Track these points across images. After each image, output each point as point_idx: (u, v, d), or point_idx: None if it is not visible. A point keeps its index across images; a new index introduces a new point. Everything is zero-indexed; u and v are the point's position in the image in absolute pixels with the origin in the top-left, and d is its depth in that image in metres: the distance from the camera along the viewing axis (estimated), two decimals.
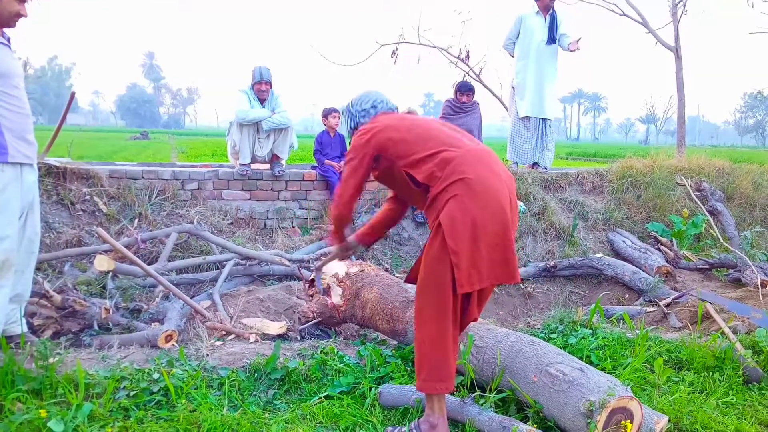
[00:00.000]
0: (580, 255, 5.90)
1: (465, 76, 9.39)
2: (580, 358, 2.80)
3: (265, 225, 5.82)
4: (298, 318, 3.89)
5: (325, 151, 6.15)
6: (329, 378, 2.83)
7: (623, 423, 2.07)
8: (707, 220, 6.41)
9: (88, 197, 4.99)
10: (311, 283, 3.85)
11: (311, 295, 3.85)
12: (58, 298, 3.49)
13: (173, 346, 3.31)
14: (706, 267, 5.43)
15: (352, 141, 2.55)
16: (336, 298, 3.61)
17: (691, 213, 6.60)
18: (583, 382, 2.22)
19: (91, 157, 11.04)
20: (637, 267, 5.33)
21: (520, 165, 7.06)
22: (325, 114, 6.26)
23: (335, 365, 2.90)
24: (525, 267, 5.68)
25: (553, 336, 3.29)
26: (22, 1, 2.81)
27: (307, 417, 2.51)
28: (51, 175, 4.91)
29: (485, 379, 2.62)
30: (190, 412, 2.39)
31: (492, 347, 2.61)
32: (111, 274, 4.08)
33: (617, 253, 5.97)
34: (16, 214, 2.88)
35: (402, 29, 10.54)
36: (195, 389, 2.59)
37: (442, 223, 2.20)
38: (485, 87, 9.65)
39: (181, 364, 2.80)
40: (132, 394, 2.50)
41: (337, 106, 6.18)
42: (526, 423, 2.31)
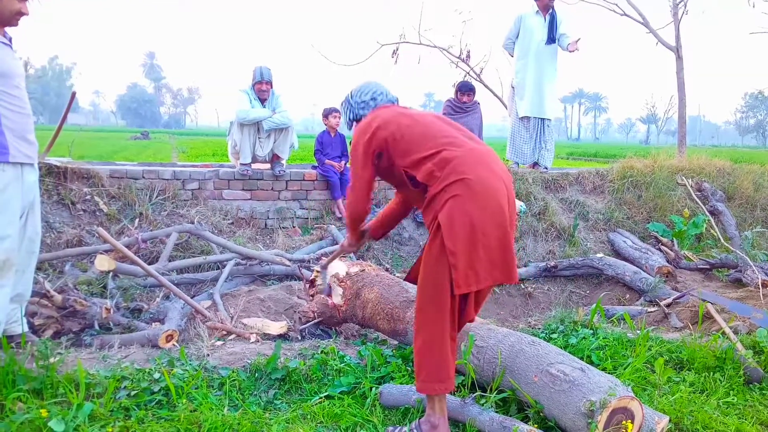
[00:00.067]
0: (581, 255, 5.90)
1: (466, 76, 9.38)
2: (581, 358, 2.80)
3: (265, 225, 5.82)
4: (299, 318, 3.89)
5: (325, 150, 6.15)
6: (330, 378, 2.83)
7: (624, 423, 2.07)
8: (708, 220, 6.41)
9: (88, 197, 5.00)
10: (312, 282, 3.85)
11: (312, 295, 3.84)
12: (58, 297, 3.49)
13: (174, 345, 3.31)
14: (707, 267, 5.43)
15: (353, 136, 2.55)
16: (337, 298, 3.61)
17: (691, 213, 6.60)
18: (583, 382, 2.22)
19: (92, 156, 11.05)
20: (637, 267, 5.33)
21: (520, 165, 7.06)
22: (326, 114, 6.26)
23: (336, 365, 2.90)
24: (526, 267, 5.68)
25: (554, 336, 3.29)
26: None
27: (308, 417, 2.51)
28: (52, 174, 4.91)
29: (486, 379, 2.62)
30: (190, 411, 2.39)
31: (493, 347, 2.61)
32: (112, 273, 4.08)
33: (618, 253, 5.97)
34: (17, 213, 2.88)
35: (403, 29, 10.58)
36: (196, 389, 2.59)
37: (440, 223, 2.20)
38: (486, 87, 9.65)
39: (182, 364, 2.81)
40: (133, 393, 2.50)
41: (337, 106, 6.18)
42: (526, 423, 2.31)
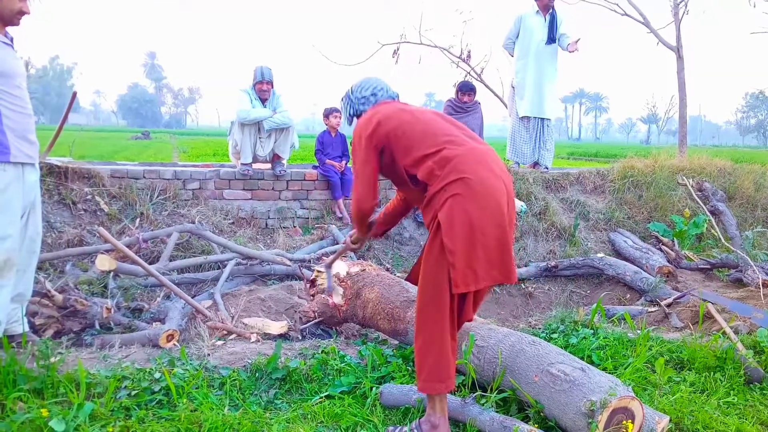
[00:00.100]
0: (582, 255, 5.90)
1: (466, 76, 9.38)
2: (582, 358, 2.80)
3: (266, 225, 5.82)
4: (299, 318, 3.89)
5: (326, 150, 6.15)
6: (330, 378, 2.83)
7: (624, 423, 2.07)
8: (709, 220, 6.40)
9: (89, 197, 5.00)
10: (312, 282, 3.85)
11: (312, 295, 3.85)
12: (59, 297, 3.49)
13: (174, 345, 3.31)
14: (708, 267, 5.43)
15: (354, 132, 2.52)
16: (337, 297, 3.61)
17: (692, 213, 6.59)
18: (584, 382, 2.22)
19: (93, 156, 11.06)
20: (638, 267, 5.32)
21: (521, 165, 7.06)
22: (327, 114, 6.26)
23: (336, 365, 2.90)
24: (526, 267, 5.68)
25: (555, 336, 3.29)
26: None
27: (308, 417, 2.51)
28: (52, 174, 4.91)
29: (486, 379, 2.62)
30: (191, 411, 2.39)
31: (493, 347, 2.61)
32: (112, 273, 4.08)
33: (618, 253, 5.97)
34: (18, 213, 2.89)
35: (403, 29, 10.60)
36: (196, 389, 2.59)
37: (440, 221, 2.20)
38: (486, 87, 9.65)
39: (183, 364, 2.81)
40: (133, 393, 2.50)
41: (338, 107, 6.18)
42: (527, 423, 2.31)
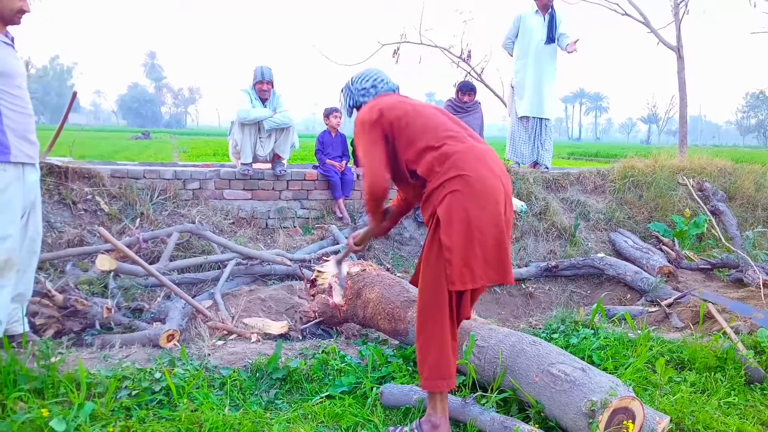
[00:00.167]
0: (582, 255, 5.90)
1: (467, 76, 9.38)
2: (582, 358, 2.80)
3: (266, 225, 5.82)
4: (300, 318, 3.89)
5: (326, 150, 6.15)
6: (331, 378, 2.83)
7: (625, 423, 2.07)
8: (709, 220, 6.40)
9: (89, 197, 5.00)
10: (313, 282, 3.85)
11: (313, 295, 3.85)
12: (59, 297, 3.49)
13: (175, 345, 3.31)
14: (708, 267, 5.42)
15: (356, 119, 2.46)
16: (337, 297, 3.61)
17: (693, 213, 6.59)
18: (584, 382, 2.22)
19: (93, 156, 11.06)
20: (638, 267, 5.32)
21: (521, 165, 7.06)
22: (327, 114, 6.26)
23: (337, 365, 2.90)
24: (527, 267, 5.68)
25: (555, 336, 3.29)
26: None
27: (309, 417, 2.51)
28: (53, 174, 4.91)
29: (487, 379, 2.62)
30: (191, 411, 2.39)
31: (493, 347, 2.61)
32: (113, 273, 4.08)
33: (619, 253, 5.97)
34: (18, 213, 2.89)
35: (403, 29, 10.57)
36: (197, 389, 2.59)
37: (438, 217, 2.20)
38: (487, 87, 9.65)
39: (183, 364, 2.81)
40: (134, 393, 2.50)
41: (338, 106, 6.17)
42: (527, 423, 2.31)
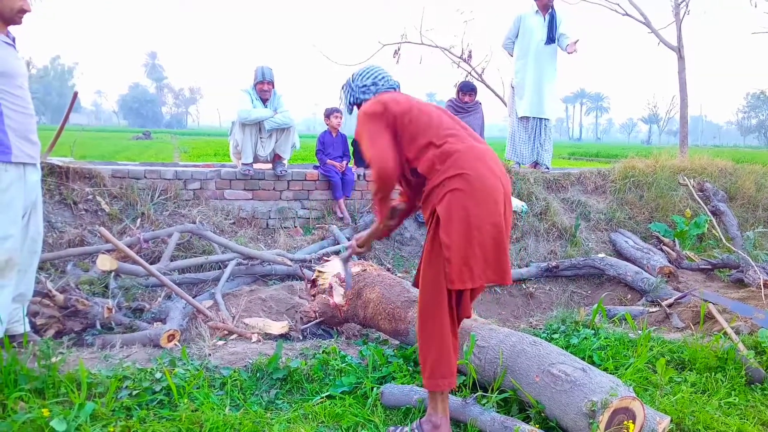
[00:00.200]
0: (583, 255, 5.90)
1: (467, 76, 9.39)
2: (583, 359, 2.80)
3: (267, 225, 5.83)
4: (300, 318, 3.89)
5: (327, 150, 6.16)
6: (331, 378, 2.83)
7: (625, 423, 2.07)
8: (710, 221, 6.40)
9: (90, 197, 5.00)
10: (313, 282, 3.86)
11: (313, 295, 3.85)
12: (60, 297, 3.49)
13: (175, 345, 3.31)
14: (709, 267, 5.42)
15: (359, 113, 2.43)
16: (338, 297, 3.61)
17: (693, 213, 6.59)
18: (585, 383, 2.22)
19: (94, 156, 11.06)
20: (639, 267, 5.32)
21: (522, 165, 7.05)
22: (327, 114, 6.26)
23: (337, 365, 2.90)
24: (527, 267, 5.68)
25: (556, 336, 3.29)
26: None
27: (309, 417, 2.51)
28: (54, 174, 4.92)
29: (487, 379, 2.62)
30: (192, 411, 2.39)
31: (494, 347, 2.61)
32: (113, 273, 4.08)
33: (619, 254, 5.97)
34: (20, 213, 2.89)
35: (404, 29, 10.58)
36: (197, 389, 2.59)
37: (438, 215, 2.20)
38: (487, 87, 9.65)
39: (184, 364, 2.81)
40: (134, 393, 2.51)
41: (338, 107, 6.18)
42: (528, 423, 2.31)
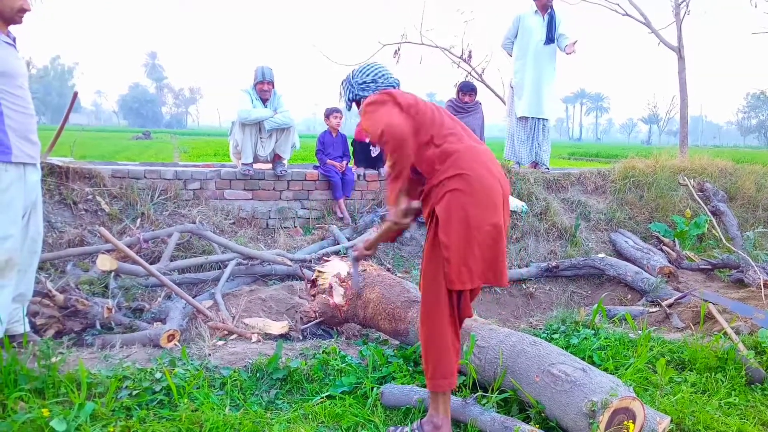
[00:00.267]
0: (583, 255, 5.90)
1: (467, 76, 9.38)
2: (583, 359, 2.80)
3: (267, 225, 5.83)
4: (300, 318, 3.89)
5: (327, 150, 6.15)
6: (331, 378, 2.83)
7: (625, 423, 2.07)
8: (710, 221, 6.40)
9: (90, 197, 5.00)
10: (313, 282, 3.85)
11: (313, 295, 3.85)
12: (60, 297, 3.49)
13: (175, 345, 3.31)
14: (709, 267, 5.42)
15: (365, 102, 2.34)
16: (338, 297, 3.61)
17: (693, 213, 6.59)
18: (585, 383, 2.22)
19: (94, 156, 11.06)
20: (639, 267, 5.32)
21: (522, 165, 7.05)
22: (327, 114, 6.26)
23: (337, 365, 2.90)
24: (527, 267, 5.68)
25: (556, 336, 3.29)
26: None
27: (309, 417, 2.51)
28: (54, 174, 4.92)
29: (487, 380, 2.62)
30: (192, 411, 2.39)
31: (494, 347, 2.61)
32: (113, 273, 4.08)
33: (619, 254, 5.97)
34: (20, 213, 2.89)
35: (404, 29, 10.53)
36: (197, 389, 2.59)
37: (437, 215, 2.20)
38: (487, 87, 9.65)
39: (184, 364, 2.81)
40: (134, 393, 2.51)
41: (339, 107, 6.18)
42: (528, 423, 2.31)
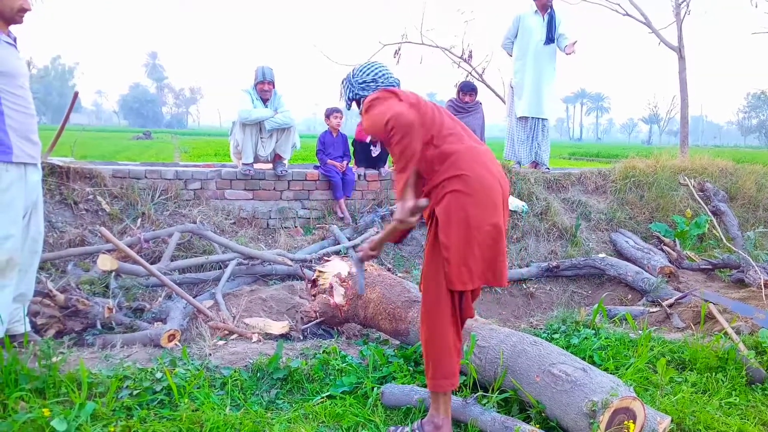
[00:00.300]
0: (583, 255, 5.90)
1: (468, 76, 9.38)
2: (583, 359, 2.80)
3: (267, 225, 5.83)
4: (301, 318, 3.89)
5: (327, 150, 6.15)
6: (332, 378, 2.83)
7: (626, 423, 2.07)
8: (710, 221, 6.40)
9: (91, 197, 5.00)
10: (314, 282, 3.85)
11: (314, 295, 3.85)
12: (61, 297, 3.50)
13: (176, 345, 3.31)
14: (709, 267, 5.42)
15: (366, 100, 2.33)
16: (338, 297, 3.61)
17: (694, 213, 6.59)
18: (585, 383, 2.22)
19: (94, 156, 11.06)
20: (639, 267, 5.32)
21: (522, 165, 7.05)
22: (328, 114, 6.26)
23: (338, 365, 2.91)
24: (528, 267, 5.68)
25: (556, 336, 3.29)
26: None
27: (310, 417, 2.51)
28: (54, 174, 4.92)
29: (488, 379, 2.62)
30: (192, 411, 2.39)
31: (495, 347, 2.61)
32: (114, 273, 4.08)
33: (620, 254, 5.96)
34: (20, 213, 2.89)
35: (405, 29, 10.54)
36: (198, 388, 2.59)
37: (437, 216, 2.20)
38: (488, 87, 9.65)
39: (184, 364, 2.81)
40: (135, 393, 2.51)
41: (339, 107, 6.18)
42: (528, 423, 2.31)
